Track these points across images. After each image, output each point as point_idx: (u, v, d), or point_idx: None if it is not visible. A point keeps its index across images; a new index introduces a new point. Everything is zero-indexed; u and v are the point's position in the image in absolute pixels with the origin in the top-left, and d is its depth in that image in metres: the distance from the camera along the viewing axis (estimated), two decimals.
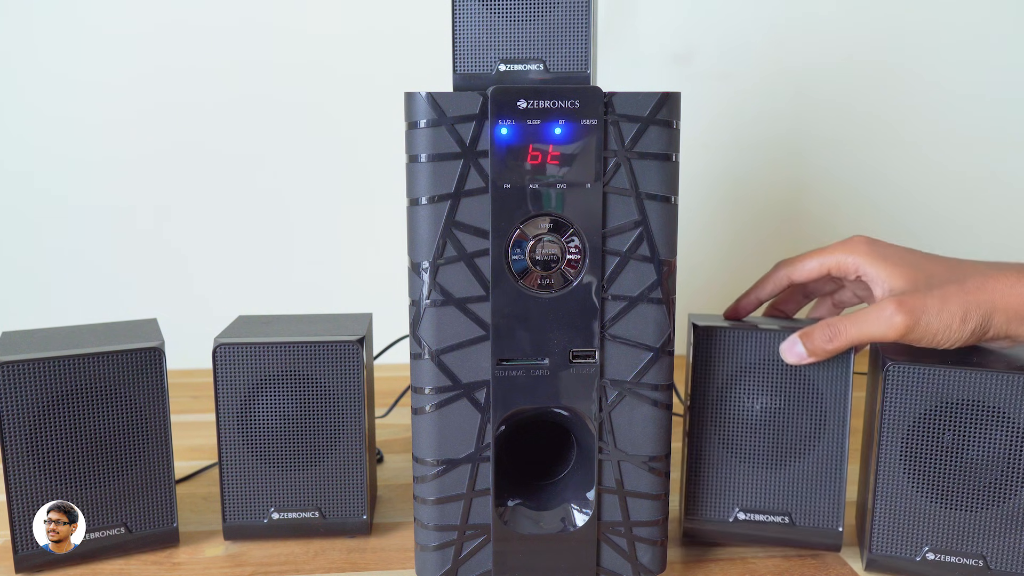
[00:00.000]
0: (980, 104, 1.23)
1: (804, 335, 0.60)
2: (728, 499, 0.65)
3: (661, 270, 0.56)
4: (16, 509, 0.63)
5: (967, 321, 0.57)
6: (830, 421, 0.63)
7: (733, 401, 0.64)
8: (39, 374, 0.62)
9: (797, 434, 0.63)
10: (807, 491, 0.64)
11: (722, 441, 0.64)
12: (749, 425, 0.64)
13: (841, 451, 0.63)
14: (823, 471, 0.63)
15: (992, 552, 0.60)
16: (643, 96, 0.54)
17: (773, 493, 0.64)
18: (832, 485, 0.63)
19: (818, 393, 0.63)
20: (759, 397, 0.63)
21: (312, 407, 0.67)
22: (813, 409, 0.63)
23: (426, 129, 0.54)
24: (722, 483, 0.65)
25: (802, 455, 0.63)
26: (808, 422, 0.63)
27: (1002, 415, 0.58)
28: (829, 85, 1.21)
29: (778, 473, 0.64)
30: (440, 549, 0.58)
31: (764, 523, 0.65)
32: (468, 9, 0.56)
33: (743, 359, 0.63)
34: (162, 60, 1.14)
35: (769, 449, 0.64)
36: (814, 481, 0.64)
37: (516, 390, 0.56)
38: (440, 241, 0.55)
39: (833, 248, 0.64)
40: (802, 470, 0.64)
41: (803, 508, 0.64)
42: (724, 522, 0.65)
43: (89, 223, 1.16)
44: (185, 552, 0.68)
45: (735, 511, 0.65)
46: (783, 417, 0.63)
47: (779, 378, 0.63)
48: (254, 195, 1.18)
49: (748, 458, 0.64)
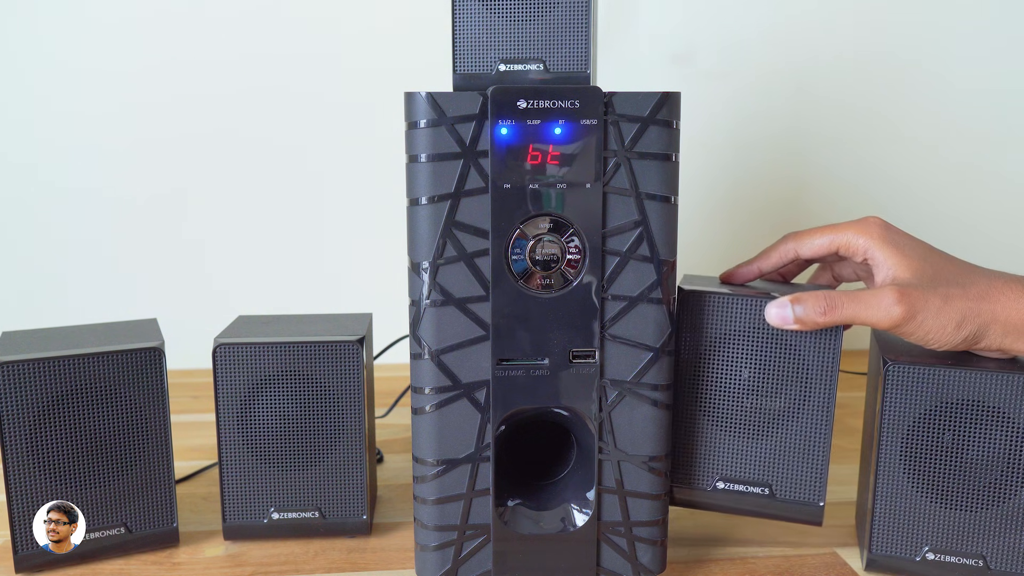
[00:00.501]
0: (982, 99, 1.23)
1: (797, 300, 0.58)
2: (709, 468, 0.63)
3: (661, 270, 0.56)
4: (16, 509, 0.63)
5: (962, 327, 0.57)
6: (814, 393, 0.60)
7: (716, 368, 0.62)
8: (39, 374, 0.62)
9: (780, 404, 0.61)
10: (789, 463, 0.62)
11: (703, 409, 0.62)
12: (731, 393, 0.62)
13: (825, 425, 0.60)
14: (806, 444, 0.61)
15: (992, 552, 0.60)
16: (643, 96, 0.54)
17: (754, 463, 0.62)
18: (815, 459, 0.61)
19: (804, 364, 0.60)
20: (744, 365, 0.61)
21: (312, 407, 0.67)
22: (798, 379, 0.61)
23: (426, 129, 0.54)
24: (703, 451, 0.63)
25: (784, 426, 0.61)
26: (792, 392, 0.61)
27: (1002, 415, 0.58)
28: (829, 83, 1.21)
29: (759, 443, 0.62)
30: (440, 549, 0.58)
31: (744, 493, 0.63)
32: (468, 9, 0.56)
33: (729, 325, 0.61)
34: (158, 60, 1.14)
35: (751, 418, 0.62)
36: (796, 454, 0.61)
37: (516, 390, 0.56)
38: (440, 241, 0.55)
39: (845, 227, 0.61)
40: (784, 442, 0.61)
41: (784, 480, 0.62)
42: (703, 491, 0.63)
43: (89, 223, 1.16)
44: (185, 552, 0.68)
45: (715, 480, 0.63)
46: (766, 386, 0.61)
47: (764, 347, 0.61)
48: (254, 195, 1.18)
49: (730, 427, 0.62)
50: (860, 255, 0.61)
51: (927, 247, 0.61)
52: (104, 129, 1.15)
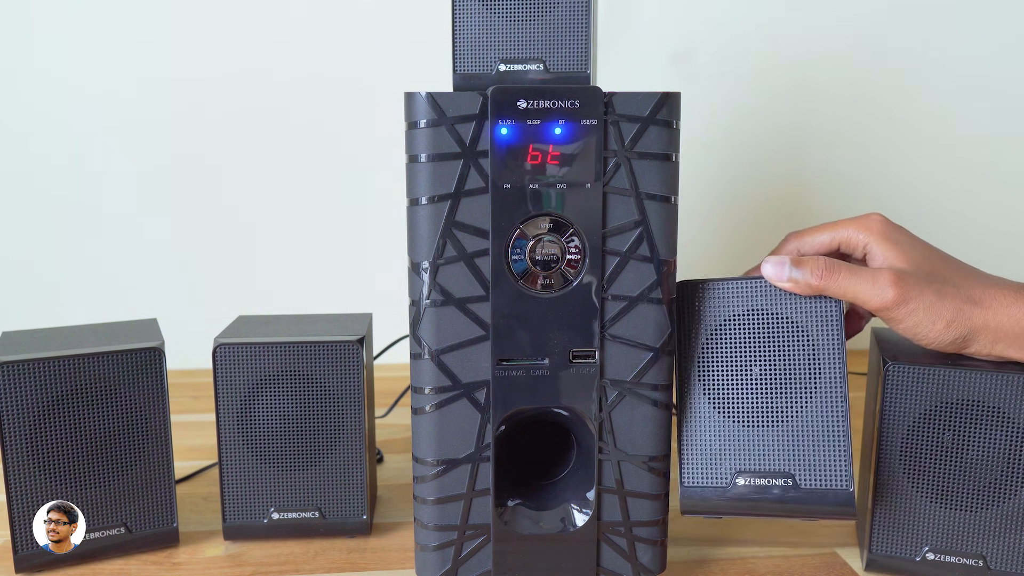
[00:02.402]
0: (984, 95, 1.23)
1: (798, 263, 0.58)
2: (726, 463, 0.60)
3: (661, 270, 0.56)
4: (16, 509, 0.63)
5: (952, 327, 0.57)
6: (824, 370, 0.58)
7: (720, 356, 0.60)
8: (39, 374, 0.62)
9: (791, 387, 0.59)
10: (808, 448, 0.58)
11: (713, 401, 0.60)
12: (739, 380, 0.60)
13: (841, 402, 0.58)
14: (823, 426, 0.58)
15: (992, 552, 0.60)
16: (643, 96, 0.54)
17: (772, 453, 0.59)
18: (834, 441, 0.58)
19: (809, 340, 0.59)
20: (748, 349, 0.60)
21: (312, 407, 0.67)
22: (804, 358, 0.59)
23: (426, 129, 0.54)
24: (718, 445, 0.60)
25: (797, 409, 0.58)
26: (802, 373, 0.59)
27: (1002, 415, 0.58)
28: (828, 80, 1.21)
29: (774, 431, 0.59)
30: (440, 549, 0.58)
31: (766, 487, 0.59)
32: (468, 9, 0.56)
33: (728, 311, 0.60)
34: (162, 69, 1.14)
35: (763, 404, 0.59)
36: (814, 437, 0.58)
37: (516, 390, 0.56)
38: (440, 241, 0.55)
39: (846, 223, 0.61)
40: (800, 426, 0.58)
41: (806, 467, 0.58)
42: (722, 488, 0.60)
43: (90, 224, 1.16)
44: (185, 552, 0.68)
45: (735, 476, 0.60)
46: (773, 369, 0.59)
47: (767, 327, 0.59)
48: (254, 196, 1.18)
49: (742, 416, 0.60)
50: (860, 251, 0.61)
51: (927, 246, 0.61)
52: (105, 129, 1.15)
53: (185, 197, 1.17)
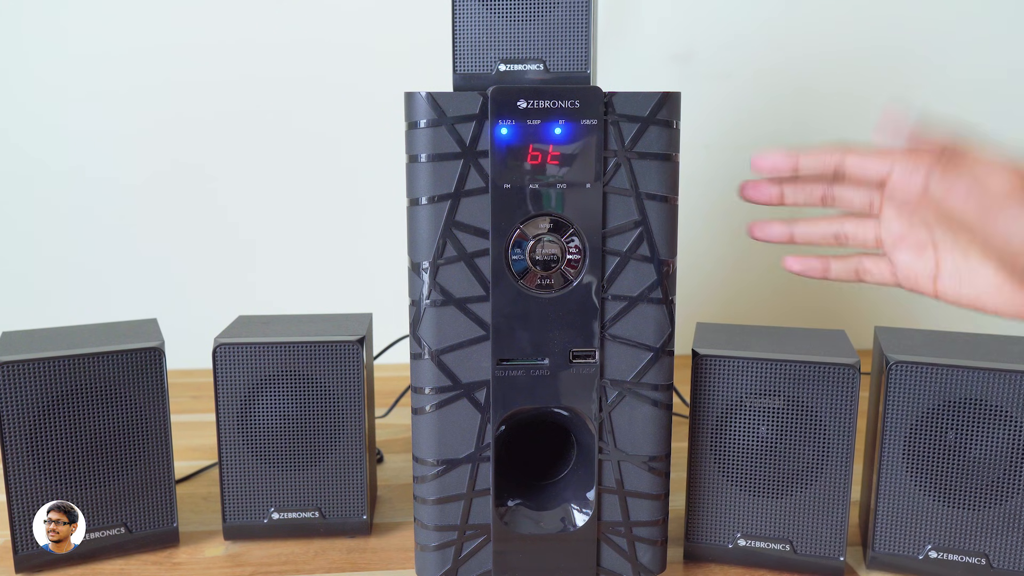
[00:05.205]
0: (985, 93, 1.22)
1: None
2: (728, 525, 0.64)
3: (661, 270, 0.56)
4: (16, 509, 0.63)
5: None
6: (833, 452, 0.61)
7: (735, 429, 0.62)
8: (39, 374, 0.62)
9: (799, 464, 0.61)
10: (810, 520, 0.62)
11: (722, 469, 0.63)
12: (751, 453, 0.62)
13: (845, 483, 0.61)
14: (826, 502, 0.61)
15: (995, 550, 0.60)
16: (643, 96, 0.54)
17: (775, 521, 0.63)
18: (835, 516, 0.61)
19: (821, 424, 0.60)
20: (761, 424, 0.61)
21: (312, 407, 0.67)
22: (816, 438, 0.61)
23: (426, 129, 0.54)
24: (723, 509, 0.63)
25: (805, 484, 0.61)
26: (810, 451, 0.61)
27: (1005, 414, 0.58)
28: (828, 80, 1.21)
29: (780, 502, 0.62)
30: (440, 549, 0.58)
31: (764, 550, 0.63)
32: (468, 9, 0.56)
33: (745, 388, 0.61)
34: (157, 60, 1.14)
35: (771, 477, 0.62)
36: (816, 511, 0.62)
37: (516, 390, 0.56)
38: (440, 241, 0.54)
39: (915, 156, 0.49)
40: (805, 500, 0.62)
41: (805, 536, 0.62)
42: (724, 547, 0.64)
43: (90, 225, 1.16)
44: (185, 552, 0.68)
45: (736, 537, 0.63)
46: (785, 446, 0.61)
47: (781, 407, 0.61)
48: (254, 196, 1.18)
49: (750, 486, 0.62)
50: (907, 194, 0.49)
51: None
52: (105, 129, 1.15)
53: (186, 198, 1.17)
